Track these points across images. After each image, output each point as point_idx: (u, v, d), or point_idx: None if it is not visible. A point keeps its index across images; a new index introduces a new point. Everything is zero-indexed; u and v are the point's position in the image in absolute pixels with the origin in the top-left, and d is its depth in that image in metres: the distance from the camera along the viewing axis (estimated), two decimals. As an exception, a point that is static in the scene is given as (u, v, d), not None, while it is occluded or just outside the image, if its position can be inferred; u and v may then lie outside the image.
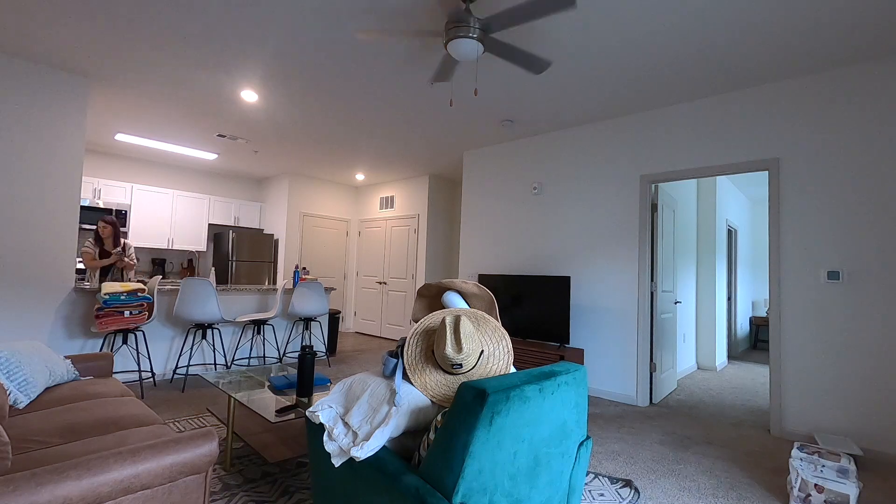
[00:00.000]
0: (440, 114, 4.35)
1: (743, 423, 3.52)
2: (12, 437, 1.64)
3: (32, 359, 2.15)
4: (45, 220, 3.59)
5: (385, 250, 7.42)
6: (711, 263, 5.76)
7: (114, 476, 1.21)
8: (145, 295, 3.69)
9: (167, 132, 5.19)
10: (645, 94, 3.73)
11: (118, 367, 4.02)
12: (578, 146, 4.54)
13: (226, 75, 3.63)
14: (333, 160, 6.26)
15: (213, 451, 1.43)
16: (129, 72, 3.64)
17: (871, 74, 3.04)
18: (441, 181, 7.07)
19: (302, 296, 4.79)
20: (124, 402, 2.06)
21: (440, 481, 1.25)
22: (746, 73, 3.28)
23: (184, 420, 3.14)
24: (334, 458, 1.50)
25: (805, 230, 3.25)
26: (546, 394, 1.44)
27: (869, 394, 2.95)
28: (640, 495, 2.30)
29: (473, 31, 2.40)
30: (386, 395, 1.54)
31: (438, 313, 1.77)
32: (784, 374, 3.27)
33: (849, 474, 2.22)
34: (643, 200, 4.04)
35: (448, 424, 1.30)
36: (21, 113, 3.49)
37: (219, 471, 2.35)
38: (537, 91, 3.76)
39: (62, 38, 3.16)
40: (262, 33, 2.98)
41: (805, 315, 3.21)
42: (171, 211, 6.56)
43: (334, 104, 4.18)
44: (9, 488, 1.05)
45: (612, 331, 4.15)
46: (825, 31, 2.73)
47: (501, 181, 5.20)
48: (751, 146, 3.50)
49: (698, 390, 4.57)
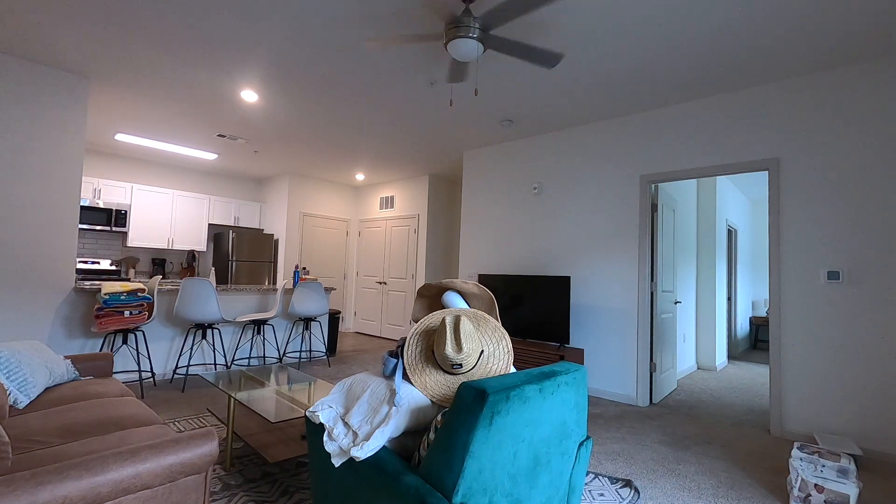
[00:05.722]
0: (440, 114, 4.35)
1: (743, 423, 3.52)
2: (12, 437, 1.64)
3: (32, 359, 2.14)
4: (45, 219, 3.59)
5: (385, 250, 7.42)
6: (711, 263, 5.76)
7: (114, 476, 1.21)
8: (145, 295, 3.69)
9: (167, 132, 5.19)
10: (645, 94, 3.73)
11: (118, 367, 4.02)
12: (578, 146, 4.54)
13: (226, 75, 3.63)
14: (333, 160, 6.26)
15: (213, 451, 1.42)
16: (130, 72, 3.64)
17: (872, 74, 3.04)
18: (441, 181, 7.07)
19: (302, 296, 4.79)
20: (124, 402, 2.06)
21: (440, 481, 1.25)
22: (746, 73, 3.28)
23: (184, 420, 3.14)
24: (334, 459, 1.50)
25: (805, 230, 3.25)
26: (546, 394, 1.44)
27: (869, 394, 2.95)
28: (640, 495, 2.30)
29: (473, 31, 2.39)
30: (386, 395, 1.54)
31: (438, 313, 1.77)
32: (784, 374, 3.27)
33: (849, 474, 2.22)
34: (643, 200, 4.04)
35: (448, 424, 1.30)
36: (21, 113, 3.49)
37: (219, 471, 2.35)
38: (537, 91, 3.76)
39: (63, 39, 3.16)
40: (263, 33, 2.97)
41: (805, 315, 3.21)
42: (171, 211, 6.55)
43: (334, 104, 4.18)
44: (9, 488, 1.05)
45: (612, 331, 4.15)
46: (826, 30, 2.73)
47: (501, 181, 5.20)
48: (751, 146, 3.50)
49: (698, 390, 4.57)
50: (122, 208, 6.02)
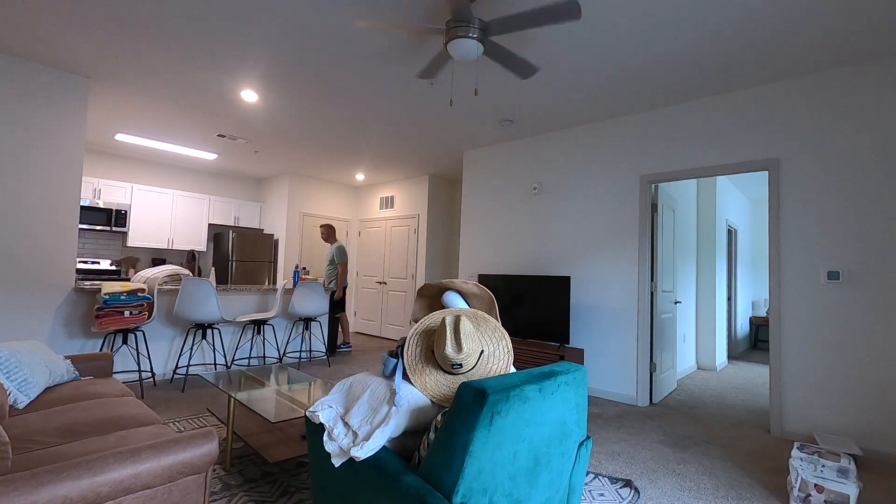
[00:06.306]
0: (440, 114, 4.35)
1: (743, 423, 3.52)
2: (12, 437, 1.64)
3: (32, 359, 2.14)
4: (45, 219, 3.59)
5: (385, 250, 7.42)
6: (711, 263, 5.76)
7: (114, 476, 1.21)
8: (145, 295, 3.69)
9: (167, 132, 5.19)
10: (645, 94, 3.73)
11: (118, 367, 4.02)
12: (578, 146, 4.54)
13: (226, 75, 3.63)
14: (333, 160, 6.26)
15: (213, 451, 1.42)
16: (130, 72, 3.64)
17: (871, 74, 3.04)
18: (441, 181, 7.07)
19: (302, 296, 4.79)
20: (124, 402, 2.06)
21: (440, 481, 1.25)
22: (746, 73, 3.28)
23: (184, 420, 3.13)
24: (334, 459, 1.50)
25: (805, 230, 3.25)
26: (546, 394, 1.44)
27: (869, 394, 2.95)
28: (640, 495, 2.30)
29: (473, 31, 2.40)
30: (386, 395, 1.54)
31: (438, 313, 1.77)
32: (784, 374, 3.27)
33: (849, 474, 2.22)
34: (643, 200, 4.04)
35: (448, 424, 1.30)
36: (22, 113, 3.49)
37: (219, 471, 2.35)
38: (537, 91, 3.76)
39: (63, 39, 3.16)
40: (263, 33, 2.97)
41: (805, 315, 3.21)
42: (171, 211, 6.56)
43: (335, 104, 4.18)
44: (9, 488, 1.05)
45: (612, 331, 4.15)
46: (826, 30, 2.73)
47: (501, 181, 5.20)
48: (751, 146, 3.49)
49: (698, 390, 4.57)
50: (122, 208, 6.02)
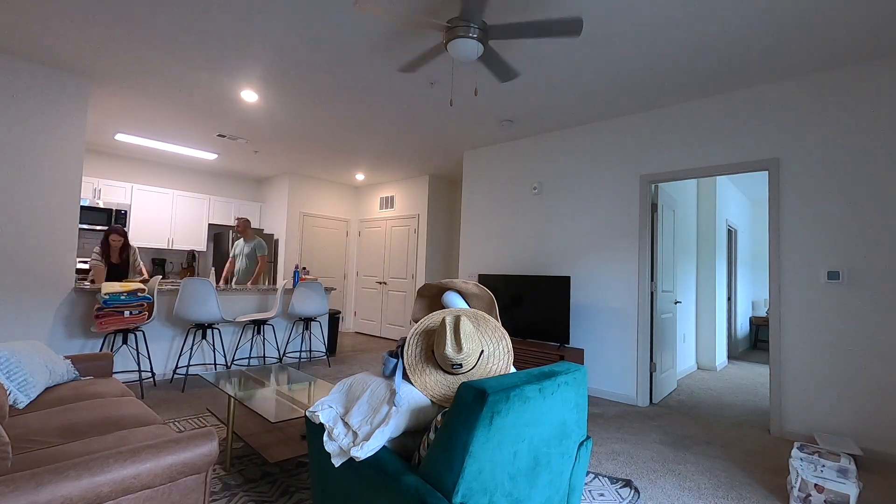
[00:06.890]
0: (440, 114, 4.35)
1: (743, 423, 3.52)
2: (12, 437, 1.64)
3: (32, 359, 2.14)
4: (45, 219, 3.59)
5: (385, 250, 7.42)
6: (711, 263, 5.76)
7: (114, 476, 1.21)
8: (145, 295, 3.69)
9: (167, 132, 5.19)
10: (645, 95, 3.73)
11: (118, 367, 4.02)
12: (578, 146, 4.54)
13: (226, 75, 3.63)
14: (333, 160, 6.26)
15: (213, 451, 1.42)
16: (130, 72, 3.64)
17: (871, 74, 3.04)
18: (441, 181, 7.07)
19: (302, 296, 4.79)
20: (124, 402, 2.06)
21: (440, 481, 1.25)
22: (746, 73, 3.28)
23: (184, 420, 3.14)
24: (334, 459, 1.50)
25: (805, 230, 3.25)
26: (546, 394, 1.44)
27: (869, 394, 2.95)
28: (640, 495, 2.30)
29: (474, 32, 2.40)
30: (386, 395, 1.54)
31: (438, 313, 1.77)
32: (784, 374, 3.27)
33: (849, 474, 2.22)
34: (643, 200, 4.04)
35: (448, 424, 1.30)
36: (21, 113, 3.49)
37: (219, 471, 2.35)
38: (537, 91, 3.76)
39: (63, 39, 3.16)
40: (263, 33, 2.97)
41: (805, 315, 3.21)
42: (171, 211, 6.55)
43: (334, 104, 4.18)
44: (9, 488, 1.05)
45: (612, 331, 4.15)
46: (826, 30, 2.73)
47: (501, 181, 5.20)
48: (751, 146, 3.49)
49: (698, 390, 4.57)
50: (122, 208, 6.02)
